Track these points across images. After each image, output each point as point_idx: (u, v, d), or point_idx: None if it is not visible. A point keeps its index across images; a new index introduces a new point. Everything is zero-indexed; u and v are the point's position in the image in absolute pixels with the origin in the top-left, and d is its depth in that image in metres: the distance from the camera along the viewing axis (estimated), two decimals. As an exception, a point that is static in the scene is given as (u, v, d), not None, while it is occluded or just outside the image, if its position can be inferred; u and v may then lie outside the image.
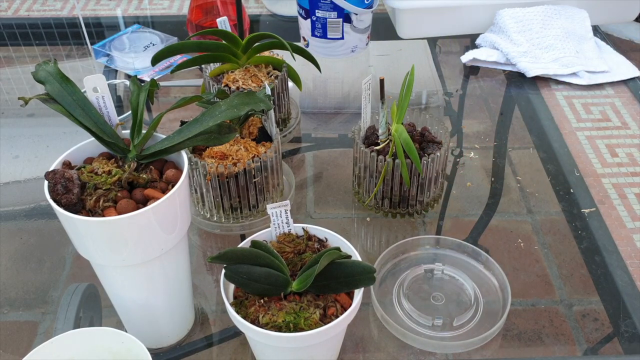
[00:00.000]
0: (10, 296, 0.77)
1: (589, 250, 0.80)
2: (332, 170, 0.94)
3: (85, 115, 0.61)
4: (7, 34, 1.27)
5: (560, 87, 1.06)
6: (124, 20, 1.29)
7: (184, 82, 1.13)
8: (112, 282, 0.64)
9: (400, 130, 0.76)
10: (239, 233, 0.82)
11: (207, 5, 1.14)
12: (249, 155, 0.77)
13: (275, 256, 0.61)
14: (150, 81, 0.65)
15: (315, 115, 1.07)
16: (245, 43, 0.90)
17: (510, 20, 1.13)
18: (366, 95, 0.79)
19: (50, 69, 0.61)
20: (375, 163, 0.79)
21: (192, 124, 0.62)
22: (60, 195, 0.57)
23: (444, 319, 0.71)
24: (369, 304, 0.73)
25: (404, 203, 0.82)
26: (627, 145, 0.93)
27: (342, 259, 0.60)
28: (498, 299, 0.74)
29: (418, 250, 0.80)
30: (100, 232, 0.57)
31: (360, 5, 1.09)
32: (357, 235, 0.85)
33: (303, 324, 0.58)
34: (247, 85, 0.89)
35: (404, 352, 0.69)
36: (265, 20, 1.31)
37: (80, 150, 0.64)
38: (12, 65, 1.20)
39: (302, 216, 0.87)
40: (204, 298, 0.77)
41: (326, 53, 1.16)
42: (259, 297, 0.60)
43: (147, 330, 0.68)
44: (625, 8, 1.22)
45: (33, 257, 0.81)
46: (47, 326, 0.73)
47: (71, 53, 1.22)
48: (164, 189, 0.61)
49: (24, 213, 0.88)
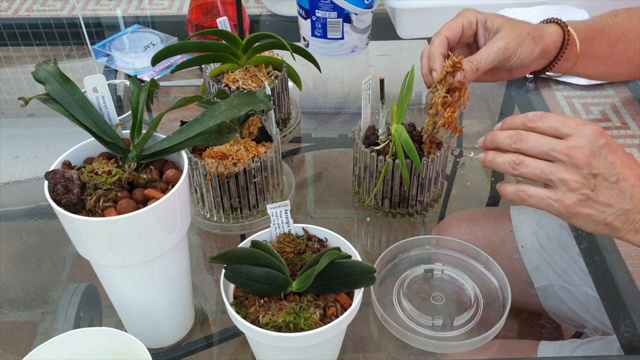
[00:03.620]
0: (10, 296, 0.77)
1: (589, 250, 0.80)
2: (332, 170, 0.94)
3: (85, 115, 0.61)
4: (7, 34, 1.27)
5: (560, 87, 1.06)
6: (124, 20, 1.29)
7: (184, 82, 1.13)
8: (112, 282, 0.64)
9: (400, 130, 0.76)
10: (239, 233, 0.82)
11: (207, 5, 1.14)
12: (249, 155, 0.77)
13: (275, 256, 0.61)
14: (150, 81, 0.65)
15: (315, 115, 1.07)
16: (245, 43, 0.90)
17: (510, 20, 1.13)
18: (366, 95, 0.79)
19: (50, 69, 0.61)
20: (375, 163, 0.79)
21: (192, 124, 0.62)
22: (60, 195, 0.57)
23: (444, 319, 0.71)
24: (369, 304, 0.73)
25: (404, 203, 0.82)
26: (627, 145, 0.93)
27: (342, 259, 0.60)
28: (498, 299, 0.74)
29: (418, 250, 0.80)
30: (100, 232, 0.57)
31: (360, 5, 1.09)
32: (357, 235, 0.85)
33: (303, 324, 0.58)
34: (247, 85, 0.89)
35: (404, 352, 0.69)
36: (265, 20, 1.31)
37: (80, 150, 0.64)
38: (12, 65, 1.20)
39: (302, 216, 0.87)
40: (204, 298, 0.77)
41: (326, 53, 1.16)
42: (259, 297, 0.60)
43: (147, 330, 0.68)
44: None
45: (33, 257, 0.81)
46: (47, 326, 0.73)
47: (71, 53, 1.22)
48: (164, 189, 0.61)
49: (24, 213, 0.88)
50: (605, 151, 0.60)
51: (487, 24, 0.78)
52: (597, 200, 0.60)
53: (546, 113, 0.63)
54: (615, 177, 0.60)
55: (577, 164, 0.59)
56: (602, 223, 0.61)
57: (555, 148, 0.60)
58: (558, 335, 0.77)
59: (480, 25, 0.77)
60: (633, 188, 0.60)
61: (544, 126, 0.62)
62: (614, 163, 0.60)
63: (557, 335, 0.76)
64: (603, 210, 0.60)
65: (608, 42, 0.86)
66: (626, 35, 0.85)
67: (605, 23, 0.86)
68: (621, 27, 0.86)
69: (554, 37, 0.83)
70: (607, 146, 0.60)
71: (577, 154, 0.59)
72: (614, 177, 0.60)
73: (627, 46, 0.87)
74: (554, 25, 0.83)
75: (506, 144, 0.64)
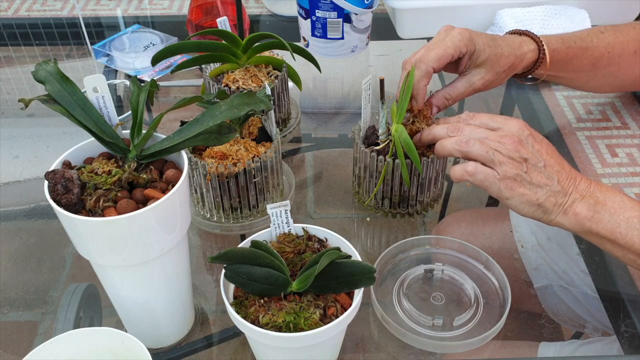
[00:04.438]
0: (10, 296, 0.77)
1: (589, 250, 0.80)
2: (332, 170, 0.94)
3: (85, 115, 0.61)
4: (7, 34, 1.27)
5: (560, 87, 1.06)
6: (124, 20, 1.29)
7: (184, 82, 1.13)
8: (112, 282, 0.64)
9: (400, 130, 0.76)
10: (239, 233, 0.82)
11: (207, 5, 1.14)
12: (249, 155, 0.77)
13: (275, 256, 0.61)
14: (150, 82, 0.65)
15: (315, 115, 1.07)
16: (245, 43, 0.90)
17: (510, 20, 1.13)
18: (366, 95, 0.79)
19: (50, 69, 0.61)
20: (375, 163, 0.79)
21: (192, 124, 0.62)
22: (60, 195, 0.57)
23: (444, 319, 0.71)
24: (369, 304, 0.73)
25: (404, 203, 0.82)
26: (627, 145, 0.93)
27: (342, 259, 0.60)
28: (498, 299, 0.74)
29: (418, 250, 0.80)
30: (100, 232, 0.57)
31: (360, 5, 1.09)
32: (357, 235, 0.85)
33: (303, 324, 0.58)
34: (247, 85, 0.89)
35: (404, 352, 0.69)
36: (265, 20, 1.31)
37: (80, 150, 0.64)
38: (12, 65, 1.20)
39: (302, 216, 0.87)
40: (204, 298, 0.77)
41: (326, 53, 1.16)
42: (259, 297, 0.60)
43: (147, 330, 0.68)
44: (625, 8, 1.22)
45: (33, 257, 0.81)
46: (47, 326, 0.73)
47: (71, 53, 1.22)
48: (164, 189, 0.61)
49: (24, 213, 0.88)
50: (531, 140, 0.68)
51: (473, 55, 0.79)
52: (530, 181, 0.67)
53: (477, 113, 0.72)
54: (542, 163, 0.67)
55: (509, 149, 0.67)
56: (535, 204, 0.67)
57: (488, 136, 0.69)
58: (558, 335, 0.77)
59: (467, 54, 0.78)
60: (558, 173, 0.67)
61: (475, 123, 0.71)
62: (540, 151, 0.68)
63: (557, 335, 0.76)
64: (535, 191, 0.66)
65: (590, 59, 0.87)
66: (610, 52, 0.87)
67: (590, 40, 0.87)
68: (605, 44, 0.87)
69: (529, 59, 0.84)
70: (532, 136, 0.69)
71: (507, 141, 0.67)
72: (541, 163, 0.67)
73: (609, 62, 0.88)
74: (532, 44, 0.83)
75: (444, 134, 0.72)
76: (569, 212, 0.66)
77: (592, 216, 0.65)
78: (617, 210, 0.66)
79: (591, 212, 0.66)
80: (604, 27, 0.90)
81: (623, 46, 0.88)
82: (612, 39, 0.88)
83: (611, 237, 0.65)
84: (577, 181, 0.68)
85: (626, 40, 0.88)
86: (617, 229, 0.65)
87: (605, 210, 0.66)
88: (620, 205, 0.66)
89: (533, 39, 0.83)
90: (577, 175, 0.68)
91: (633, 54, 0.88)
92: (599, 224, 0.65)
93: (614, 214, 0.65)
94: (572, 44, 0.86)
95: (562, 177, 0.67)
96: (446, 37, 0.77)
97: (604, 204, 0.66)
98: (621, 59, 0.88)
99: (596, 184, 0.68)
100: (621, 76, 0.91)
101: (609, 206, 0.66)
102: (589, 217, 0.66)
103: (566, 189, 0.67)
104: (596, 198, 0.66)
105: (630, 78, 0.91)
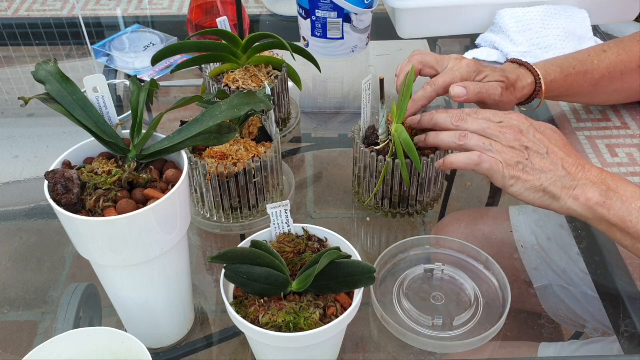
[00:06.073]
0: (10, 296, 0.77)
1: (589, 250, 0.80)
2: (332, 170, 0.94)
3: (85, 115, 0.61)
4: (7, 34, 1.27)
5: (560, 87, 1.06)
6: (124, 20, 1.29)
7: (184, 82, 1.13)
8: (112, 282, 0.64)
9: (400, 130, 0.76)
10: (239, 233, 0.82)
11: (207, 5, 1.14)
12: (249, 155, 0.77)
13: (275, 256, 0.61)
14: (150, 81, 0.65)
15: (315, 115, 1.07)
16: (245, 43, 0.90)
17: (511, 20, 1.13)
18: (366, 95, 0.79)
19: (50, 69, 0.61)
20: (375, 163, 0.79)
21: (192, 124, 0.62)
22: (60, 195, 0.57)
23: (444, 319, 0.71)
24: (369, 304, 0.73)
25: (404, 203, 0.82)
26: (627, 145, 0.93)
27: (342, 259, 0.60)
28: (498, 299, 0.74)
29: (418, 250, 0.80)
30: (100, 232, 0.57)
31: (360, 5, 1.09)
32: (357, 235, 0.85)
33: (303, 324, 0.58)
34: (247, 85, 0.89)
35: (404, 352, 0.69)
36: (265, 20, 1.31)
37: (80, 150, 0.64)
38: (12, 65, 1.20)
39: (302, 216, 0.87)
40: (204, 298, 0.77)
41: (326, 53, 1.16)
42: (259, 297, 0.60)
43: (147, 330, 0.68)
44: (625, 8, 1.22)
45: (33, 257, 0.81)
46: (47, 326, 0.73)
47: (71, 53, 1.22)
48: (164, 189, 0.61)
49: (24, 213, 0.88)
50: (532, 130, 0.70)
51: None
52: (532, 167, 0.68)
53: (480, 109, 0.74)
54: (545, 150, 0.69)
55: (509, 139, 0.69)
56: (539, 189, 0.67)
57: (490, 127, 0.71)
58: (558, 335, 0.77)
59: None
60: (563, 160, 0.68)
61: (478, 117, 0.73)
62: (542, 139, 0.70)
63: (557, 336, 0.76)
64: (539, 177, 0.67)
65: (591, 82, 0.88)
66: (611, 72, 0.88)
67: (590, 63, 0.87)
68: (607, 64, 0.88)
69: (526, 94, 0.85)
70: (533, 127, 0.71)
71: (508, 131, 0.70)
72: (543, 150, 0.69)
73: (611, 81, 0.89)
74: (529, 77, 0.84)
75: (448, 122, 0.73)
76: (580, 197, 0.66)
77: (604, 202, 0.66)
78: (629, 198, 0.66)
79: (603, 198, 0.66)
80: (607, 46, 0.90)
81: (626, 64, 0.88)
82: (614, 58, 0.88)
83: (622, 226, 0.65)
84: (587, 168, 0.68)
85: (629, 57, 0.88)
86: (629, 217, 0.65)
87: (618, 197, 0.66)
88: (632, 195, 0.66)
89: (531, 72, 0.84)
90: (586, 163, 0.69)
91: (637, 69, 0.88)
92: (611, 210, 0.66)
93: (626, 202, 0.66)
94: (572, 70, 0.86)
95: (567, 164, 0.68)
96: (454, 67, 0.81)
97: (616, 191, 0.66)
98: (624, 76, 0.88)
99: (607, 173, 0.68)
100: (626, 91, 0.92)
101: (621, 194, 0.66)
102: (601, 202, 0.66)
103: (574, 174, 0.67)
104: (608, 185, 0.67)
105: (636, 91, 0.92)
